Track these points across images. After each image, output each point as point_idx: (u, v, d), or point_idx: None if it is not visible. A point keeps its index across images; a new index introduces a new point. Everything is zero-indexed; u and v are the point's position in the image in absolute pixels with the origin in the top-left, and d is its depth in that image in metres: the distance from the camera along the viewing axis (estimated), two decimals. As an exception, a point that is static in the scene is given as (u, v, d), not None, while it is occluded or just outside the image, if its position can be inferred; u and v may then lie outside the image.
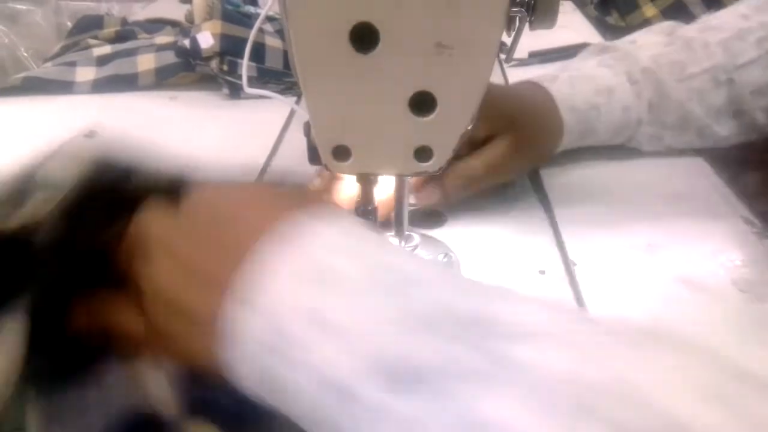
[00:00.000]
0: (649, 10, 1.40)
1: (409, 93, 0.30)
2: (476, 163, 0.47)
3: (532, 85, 0.52)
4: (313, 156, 0.35)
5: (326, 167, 0.34)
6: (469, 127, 0.31)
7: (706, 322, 0.37)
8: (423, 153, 0.33)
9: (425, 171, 0.33)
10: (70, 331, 0.29)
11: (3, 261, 0.28)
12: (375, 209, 0.39)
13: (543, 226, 0.47)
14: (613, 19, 1.46)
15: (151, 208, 0.28)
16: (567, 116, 0.50)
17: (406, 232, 0.42)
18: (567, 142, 0.51)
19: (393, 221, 0.41)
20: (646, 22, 1.41)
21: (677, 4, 1.38)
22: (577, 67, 0.53)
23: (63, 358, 0.29)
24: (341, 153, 0.33)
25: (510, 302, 0.20)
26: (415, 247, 0.42)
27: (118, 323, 0.28)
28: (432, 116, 0.30)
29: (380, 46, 0.28)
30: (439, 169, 0.33)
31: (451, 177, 0.46)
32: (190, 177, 0.33)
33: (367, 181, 0.38)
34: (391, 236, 0.42)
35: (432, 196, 0.47)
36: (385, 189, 0.43)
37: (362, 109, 0.30)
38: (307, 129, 0.47)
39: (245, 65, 0.42)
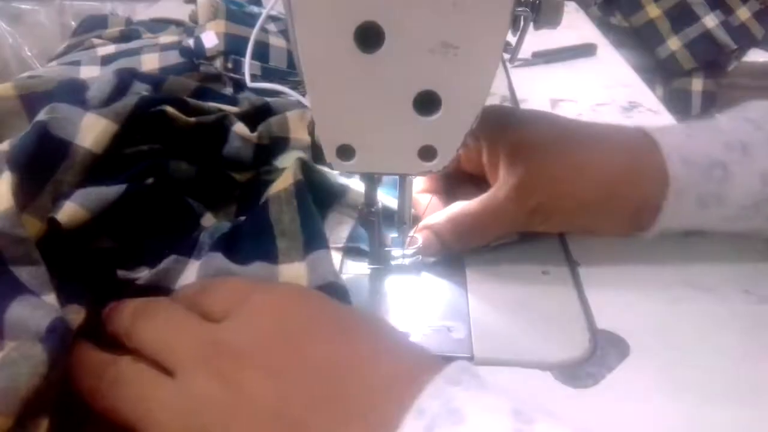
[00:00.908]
0: (653, 11, 1.40)
1: (414, 92, 0.30)
2: (474, 209, 0.40)
3: (632, 137, 0.39)
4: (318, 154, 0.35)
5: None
6: (474, 126, 0.31)
7: (711, 323, 0.37)
8: (427, 152, 0.33)
9: (429, 170, 0.34)
10: None
11: None
12: (378, 211, 0.40)
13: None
14: (616, 19, 1.46)
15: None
16: (677, 170, 0.37)
17: (410, 235, 0.42)
18: (679, 208, 0.38)
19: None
20: (650, 23, 1.41)
21: (681, 5, 1.38)
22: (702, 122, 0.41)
23: None
24: (345, 152, 0.33)
25: None
26: (418, 248, 0.42)
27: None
28: (436, 116, 0.30)
29: (385, 45, 0.28)
30: (443, 168, 0.33)
31: (449, 226, 0.41)
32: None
33: (371, 180, 0.38)
34: (394, 237, 0.42)
35: (430, 249, 0.41)
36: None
37: (367, 108, 0.31)
38: (312, 128, 0.47)
39: (248, 62, 0.41)
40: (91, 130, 0.38)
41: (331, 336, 0.25)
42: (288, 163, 0.48)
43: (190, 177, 0.43)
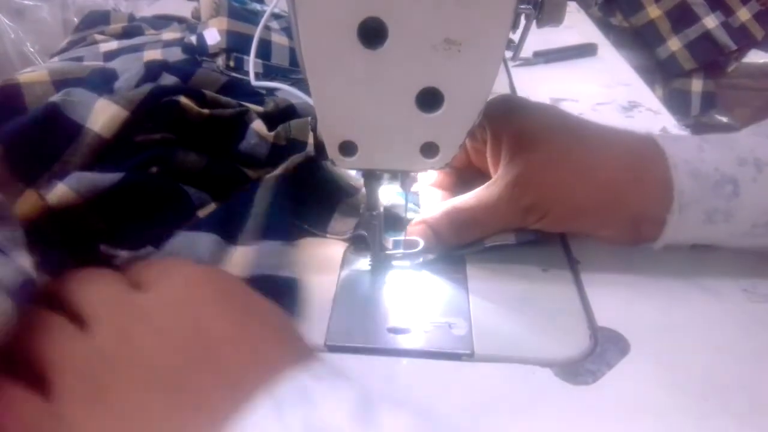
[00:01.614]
0: (654, 12, 1.40)
1: (417, 89, 0.30)
2: (470, 204, 0.40)
3: (638, 143, 0.38)
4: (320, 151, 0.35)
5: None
6: (476, 123, 0.31)
7: (710, 321, 0.37)
8: (429, 149, 0.33)
9: (431, 167, 0.34)
10: None
11: None
12: (380, 215, 0.40)
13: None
14: (617, 20, 1.47)
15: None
16: (683, 183, 0.36)
17: (406, 237, 0.42)
18: (685, 222, 0.37)
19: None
20: (650, 23, 1.41)
21: (682, 6, 1.38)
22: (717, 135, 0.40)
23: None
24: (348, 148, 0.33)
25: None
26: (418, 250, 0.42)
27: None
28: (439, 112, 0.30)
29: (388, 41, 0.28)
30: (445, 165, 0.33)
31: (444, 220, 0.41)
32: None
33: (373, 179, 0.38)
34: (394, 239, 0.42)
35: (426, 243, 0.41)
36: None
37: (369, 104, 0.31)
38: (314, 124, 0.47)
39: (252, 60, 0.42)
40: (101, 115, 0.39)
41: (228, 314, 0.27)
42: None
43: (197, 168, 0.43)
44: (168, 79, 0.48)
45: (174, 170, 0.41)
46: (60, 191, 0.36)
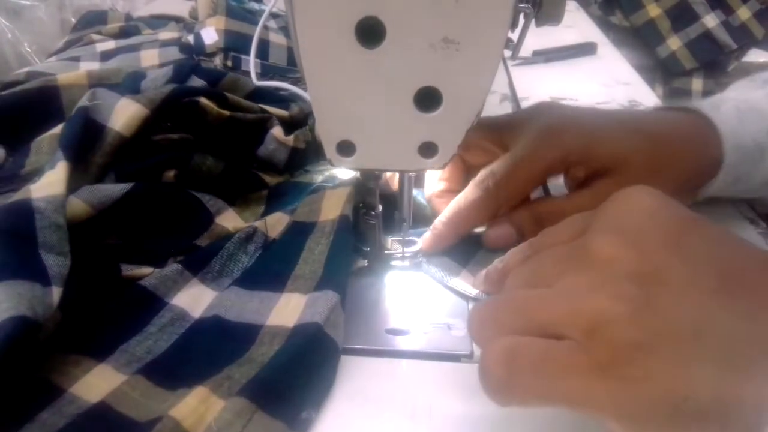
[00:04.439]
0: (653, 10, 1.40)
1: (415, 88, 0.29)
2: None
3: (685, 114, 0.41)
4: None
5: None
6: (475, 123, 0.31)
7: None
8: (428, 149, 0.32)
9: (429, 167, 0.33)
10: None
11: None
12: (379, 214, 0.39)
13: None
14: (617, 18, 1.46)
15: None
16: (731, 155, 0.38)
17: (409, 237, 0.42)
18: (717, 187, 0.40)
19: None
20: (650, 22, 1.41)
21: (681, 4, 1.38)
22: (744, 98, 0.41)
23: None
24: (346, 148, 0.33)
25: None
26: (418, 250, 0.41)
27: None
28: (437, 112, 0.30)
29: (386, 41, 0.27)
30: (444, 165, 0.33)
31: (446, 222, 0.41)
32: None
33: (372, 182, 0.38)
34: (394, 240, 0.42)
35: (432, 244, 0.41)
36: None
37: (367, 104, 0.30)
38: (313, 124, 0.47)
39: (252, 60, 0.41)
40: (122, 114, 0.39)
41: None
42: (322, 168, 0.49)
43: (214, 172, 0.43)
44: (197, 83, 0.48)
45: (190, 174, 0.41)
46: (72, 204, 0.35)
